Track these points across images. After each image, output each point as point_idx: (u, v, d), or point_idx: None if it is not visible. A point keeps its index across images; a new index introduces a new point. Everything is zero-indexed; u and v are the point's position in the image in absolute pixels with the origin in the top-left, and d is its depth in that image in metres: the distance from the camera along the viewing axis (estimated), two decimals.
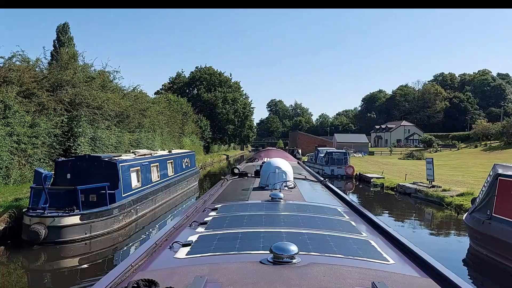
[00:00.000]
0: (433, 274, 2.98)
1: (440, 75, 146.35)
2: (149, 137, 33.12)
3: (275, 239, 3.36)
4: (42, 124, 17.61)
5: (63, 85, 20.23)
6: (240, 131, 74.69)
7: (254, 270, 2.68)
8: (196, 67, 74.20)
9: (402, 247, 3.72)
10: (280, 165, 7.27)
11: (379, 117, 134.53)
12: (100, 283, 2.63)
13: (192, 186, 26.79)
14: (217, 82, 71.82)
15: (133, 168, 15.26)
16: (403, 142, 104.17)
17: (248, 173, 9.47)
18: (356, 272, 2.78)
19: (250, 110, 76.68)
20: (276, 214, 4.82)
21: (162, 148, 29.66)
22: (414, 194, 22.21)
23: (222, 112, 69.52)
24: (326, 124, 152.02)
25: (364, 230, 4.37)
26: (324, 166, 34.97)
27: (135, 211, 14.94)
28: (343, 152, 36.59)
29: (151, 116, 35.06)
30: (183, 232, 4.18)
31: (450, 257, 11.68)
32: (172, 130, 43.43)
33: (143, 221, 15.60)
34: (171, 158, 21.88)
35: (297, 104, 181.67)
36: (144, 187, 16.26)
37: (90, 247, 11.95)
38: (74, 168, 13.76)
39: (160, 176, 18.87)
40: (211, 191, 7.45)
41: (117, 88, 30.20)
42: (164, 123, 41.08)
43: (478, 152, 68.87)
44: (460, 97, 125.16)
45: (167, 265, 3.08)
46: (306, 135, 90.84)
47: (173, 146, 42.42)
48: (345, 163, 34.50)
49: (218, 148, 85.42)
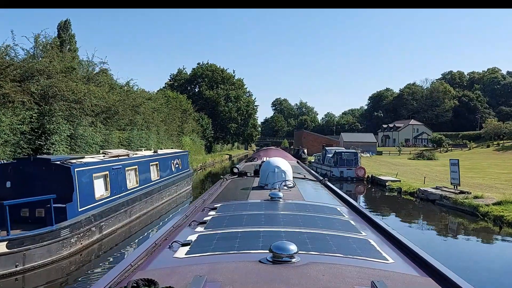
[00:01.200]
0: (433, 273, 2.97)
1: (449, 73, 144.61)
2: (143, 136, 30.47)
3: (274, 239, 3.33)
4: (5, 119, 14.90)
5: (35, 75, 17.50)
6: (243, 130, 71.40)
7: (254, 269, 2.69)
8: (198, 64, 71.46)
9: (401, 246, 3.70)
10: (280, 165, 7.24)
11: (386, 116, 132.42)
12: (100, 283, 2.64)
13: (184, 190, 24.00)
14: (220, 79, 68.91)
15: (98, 174, 12.22)
16: (412, 141, 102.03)
17: (247, 172, 9.39)
18: (356, 271, 2.76)
19: (253, 108, 73.24)
20: (276, 214, 4.82)
21: (160, 148, 27.06)
22: (439, 201, 19.29)
23: (224, 110, 66.49)
24: (332, 123, 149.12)
25: (363, 229, 4.34)
26: (333, 168, 32.17)
27: (98, 229, 11.84)
28: (353, 152, 33.58)
29: (145, 113, 32.35)
30: (182, 231, 4.16)
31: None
32: (170, 129, 40.69)
33: (111, 241, 12.49)
34: (156, 159, 19.00)
35: (302, 103, 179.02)
36: (114, 197, 13.24)
37: (24, 284, 8.92)
38: (16, 174, 10.76)
39: (140, 181, 16.02)
40: (210, 190, 7.40)
41: (105, 80, 27.39)
42: (161, 121, 38.45)
43: (491, 152, 67.65)
44: (469, 95, 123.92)
45: (167, 264, 3.08)
46: (311, 134, 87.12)
47: (172, 145, 40.12)
48: (356, 164, 31.64)
49: (221, 147, 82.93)
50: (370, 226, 4.61)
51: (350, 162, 31.60)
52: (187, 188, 24.85)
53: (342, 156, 31.89)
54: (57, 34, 42.19)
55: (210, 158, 52.61)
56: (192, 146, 50.63)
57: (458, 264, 10.58)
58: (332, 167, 32.29)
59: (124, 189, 14.22)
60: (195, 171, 40.21)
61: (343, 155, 32.06)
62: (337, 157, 32.01)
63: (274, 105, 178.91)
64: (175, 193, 21.88)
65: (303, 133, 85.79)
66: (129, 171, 14.92)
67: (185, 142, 46.84)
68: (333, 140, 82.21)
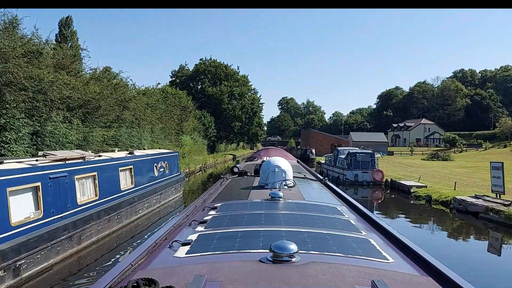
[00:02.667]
0: (433, 272, 2.96)
1: (460, 71, 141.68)
2: (134, 134, 27.15)
3: (274, 238, 3.36)
4: None
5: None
6: (248, 128, 67.48)
7: (254, 269, 2.70)
8: (201, 59, 67.72)
9: (401, 246, 3.68)
10: (280, 164, 7.17)
11: (395, 115, 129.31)
12: (100, 282, 2.64)
13: (171, 199, 20.36)
14: (223, 75, 65.25)
15: (19, 187, 8.49)
16: (423, 141, 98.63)
17: (247, 172, 9.32)
18: (356, 271, 2.76)
19: (259, 106, 69.10)
20: (276, 213, 4.79)
21: (154, 147, 23.64)
22: (484, 215, 15.59)
23: (228, 107, 62.77)
24: (340, 122, 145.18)
25: (363, 228, 4.33)
26: (346, 170, 28.48)
27: (11, 272, 8.06)
28: (370, 152, 29.65)
29: (137, 109, 28.98)
30: (182, 231, 4.15)
31: None
32: (166, 127, 37.30)
33: (38, 284, 8.74)
34: (130, 162, 15.29)
35: (309, 102, 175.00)
36: (50, 219, 9.51)
37: None
38: None
39: (100, 192, 12.25)
40: (210, 190, 7.33)
41: (78, 68, 23.96)
42: (157, 118, 35.14)
43: (508, 153, 64.13)
44: (481, 94, 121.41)
45: (167, 264, 3.07)
46: (320, 133, 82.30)
47: (170, 145, 36.80)
48: (372, 166, 27.90)
49: (225, 147, 79.40)
50: (370, 226, 4.57)
51: (366, 164, 27.84)
52: (175, 196, 21.19)
53: (356, 157, 28.03)
54: (58, 31, 40.01)
55: (212, 159, 49.06)
56: (193, 145, 47.25)
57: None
58: (345, 169, 28.53)
59: (71, 206, 10.43)
60: (192, 173, 36.63)
61: (358, 156, 28.14)
62: (351, 158, 28.23)
63: (280, 104, 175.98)
64: (158, 204, 18.25)
65: (310, 133, 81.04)
66: (81, 180, 11.17)
67: (185, 141, 43.46)
68: (343, 139, 78.21)
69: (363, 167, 27.66)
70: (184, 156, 41.56)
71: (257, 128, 69.86)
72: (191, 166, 37.01)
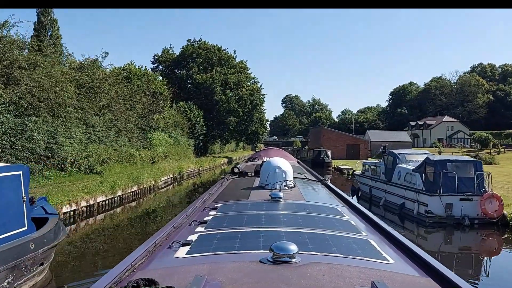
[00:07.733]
0: (433, 273, 2.93)
1: (479, 65, 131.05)
2: (31, 127, 15.20)
3: (275, 239, 3.33)
4: None
5: None
6: (246, 125, 54.70)
7: (254, 269, 2.69)
8: (188, 41, 55.34)
9: (402, 247, 3.66)
10: (280, 165, 7.14)
11: (410, 112, 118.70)
12: (100, 282, 2.61)
13: None
14: (216, 59, 52.95)
15: None
16: (446, 141, 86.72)
17: (248, 172, 9.29)
18: (356, 272, 2.76)
19: (260, 98, 56.15)
20: (276, 214, 4.77)
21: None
22: None
23: (221, 99, 50.45)
24: (349, 121, 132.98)
25: (364, 229, 4.29)
26: (424, 195, 15.59)
27: None
28: (473, 161, 16.52)
29: (52, 90, 16.98)
30: (182, 231, 4.13)
31: None
32: (119, 117, 25.02)
33: None
34: None
35: (315, 100, 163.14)
36: None
37: None
38: None
39: None
40: (210, 190, 7.30)
41: None
42: (104, 106, 23.17)
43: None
44: (505, 89, 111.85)
45: (167, 264, 3.06)
46: (333, 131, 67.87)
47: (137, 145, 24.79)
48: (480, 188, 14.99)
49: (220, 148, 66.98)
50: (370, 226, 4.52)
51: (469, 183, 14.99)
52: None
53: (447, 170, 14.96)
54: (37, 19, 36.11)
55: (194, 165, 36.39)
56: (172, 147, 35.23)
57: None
58: (421, 192, 15.94)
59: None
60: (155, 189, 24.07)
61: (448, 167, 15.09)
62: (435, 172, 15.41)
63: (284, 102, 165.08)
64: None
65: (322, 131, 66.53)
66: None
67: (156, 141, 31.33)
68: (360, 139, 65.67)
69: (462, 189, 14.90)
70: (154, 161, 29.49)
71: (258, 125, 56.79)
72: (156, 179, 24.62)
